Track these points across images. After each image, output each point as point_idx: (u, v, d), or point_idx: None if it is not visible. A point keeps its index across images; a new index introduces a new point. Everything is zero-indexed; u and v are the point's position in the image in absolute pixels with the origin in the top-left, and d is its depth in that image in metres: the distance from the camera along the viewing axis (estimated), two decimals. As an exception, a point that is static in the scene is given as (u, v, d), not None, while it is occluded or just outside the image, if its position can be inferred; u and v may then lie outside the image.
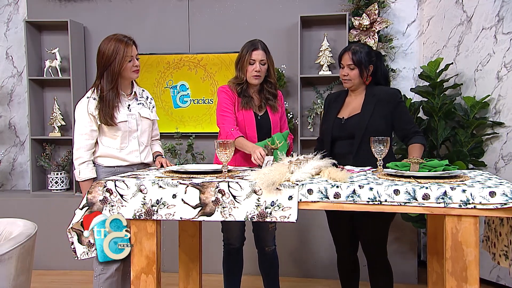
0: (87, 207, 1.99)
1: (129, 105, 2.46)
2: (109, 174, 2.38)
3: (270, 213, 1.87)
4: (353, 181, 1.90)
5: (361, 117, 2.40)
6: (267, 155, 2.37)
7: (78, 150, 2.39)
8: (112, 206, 1.97)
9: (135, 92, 2.52)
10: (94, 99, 2.38)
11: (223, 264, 2.79)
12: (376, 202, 1.81)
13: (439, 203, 1.76)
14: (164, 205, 1.93)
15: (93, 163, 2.43)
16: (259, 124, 2.62)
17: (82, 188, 2.42)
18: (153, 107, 2.62)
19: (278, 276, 2.84)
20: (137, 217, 1.95)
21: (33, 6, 4.31)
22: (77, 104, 2.44)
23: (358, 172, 2.17)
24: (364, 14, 3.83)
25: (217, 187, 1.90)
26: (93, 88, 2.42)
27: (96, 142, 2.43)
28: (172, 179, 1.97)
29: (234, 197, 1.89)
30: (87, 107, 2.37)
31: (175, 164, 3.89)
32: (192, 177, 2.02)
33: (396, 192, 1.79)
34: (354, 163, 2.34)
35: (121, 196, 1.96)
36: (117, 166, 2.43)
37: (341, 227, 2.54)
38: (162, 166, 2.51)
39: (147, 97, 2.60)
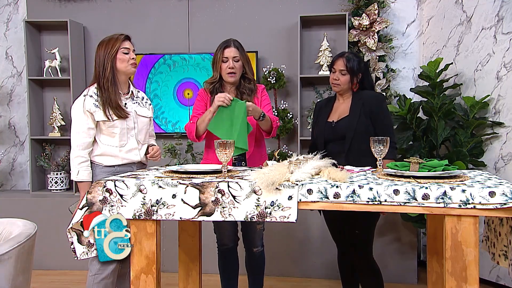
0: (86, 207, 1.99)
1: (125, 103, 2.48)
2: (109, 174, 2.38)
3: (270, 213, 1.87)
4: (353, 181, 1.90)
5: (349, 119, 2.52)
6: (273, 159, 2.37)
7: (76, 149, 2.39)
8: (112, 206, 1.97)
9: (131, 91, 2.54)
10: (91, 96, 2.40)
11: (219, 265, 2.81)
12: (376, 202, 1.81)
13: (439, 203, 1.76)
14: (164, 205, 1.93)
15: (91, 163, 2.44)
16: None
17: (80, 188, 2.42)
18: (150, 105, 2.65)
19: (262, 276, 2.85)
20: (137, 217, 1.95)
21: (33, 6, 4.31)
22: (73, 104, 2.46)
23: (358, 172, 2.17)
24: (364, 14, 3.83)
25: (217, 187, 1.90)
26: (89, 87, 2.45)
27: (94, 141, 2.44)
28: (172, 179, 1.97)
29: (234, 197, 1.89)
30: (83, 105, 2.39)
31: (175, 164, 3.89)
32: (191, 177, 2.02)
33: (396, 192, 1.79)
34: (346, 162, 2.38)
35: (121, 196, 1.96)
36: (116, 166, 2.44)
37: (336, 224, 2.58)
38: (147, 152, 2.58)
39: (143, 98, 2.63)
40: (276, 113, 3.90)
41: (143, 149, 2.57)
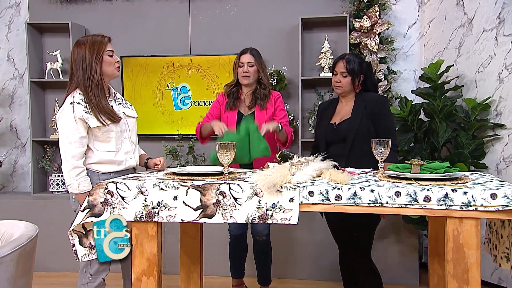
0: (88, 209, 2.00)
1: (112, 106, 2.37)
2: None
3: (271, 215, 1.87)
4: (354, 183, 1.90)
5: (351, 121, 2.52)
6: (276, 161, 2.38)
7: (71, 160, 2.23)
8: (113, 208, 1.97)
9: (114, 93, 2.45)
10: (79, 103, 2.25)
11: (229, 249, 3.10)
12: (377, 204, 1.80)
13: (441, 205, 1.76)
14: (165, 207, 1.93)
15: (87, 170, 2.30)
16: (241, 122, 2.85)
17: (81, 200, 2.22)
18: (131, 105, 2.56)
19: (269, 264, 3.08)
20: (138, 219, 1.95)
21: (35, 8, 4.32)
22: (59, 114, 2.30)
23: (359, 174, 2.17)
24: (365, 16, 3.83)
25: (218, 189, 1.90)
26: (72, 94, 2.30)
27: (88, 149, 2.31)
28: (173, 181, 1.97)
29: (235, 199, 1.89)
30: (74, 113, 2.24)
31: (176, 166, 3.89)
32: (193, 179, 2.02)
33: (397, 194, 1.79)
34: (346, 164, 2.38)
35: (122, 198, 1.96)
36: (113, 172, 2.33)
37: (338, 225, 2.57)
38: (155, 166, 2.50)
39: (122, 98, 2.53)
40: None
41: (137, 152, 2.50)
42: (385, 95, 3.83)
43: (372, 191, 1.80)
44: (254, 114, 2.85)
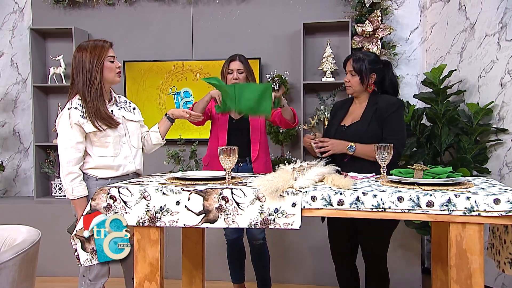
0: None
1: (111, 110, 2.38)
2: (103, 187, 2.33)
3: (274, 220, 1.87)
4: (357, 188, 1.90)
5: (359, 124, 2.45)
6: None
7: (67, 165, 2.26)
8: (115, 213, 1.97)
9: (114, 97, 2.44)
10: (76, 108, 2.27)
11: (227, 254, 3.12)
12: (380, 209, 1.80)
13: (443, 210, 1.75)
14: (168, 212, 1.93)
15: (83, 176, 2.31)
16: (232, 127, 2.91)
17: (75, 206, 2.30)
18: (134, 108, 2.56)
19: (268, 268, 3.08)
20: (141, 224, 1.95)
21: (38, 13, 4.34)
22: (58, 119, 2.32)
23: (362, 179, 2.17)
24: (367, 21, 3.84)
25: (221, 194, 1.90)
26: (71, 100, 2.31)
27: (86, 154, 2.32)
28: (175, 186, 1.97)
29: (237, 204, 1.89)
30: (70, 119, 2.25)
31: (179, 171, 3.90)
32: (195, 184, 2.02)
33: (400, 199, 1.78)
34: (351, 168, 2.34)
35: (125, 203, 1.96)
36: (111, 178, 2.33)
37: (341, 237, 2.54)
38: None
39: (126, 101, 2.53)
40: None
41: (138, 156, 2.48)
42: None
43: (374, 196, 1.80)
44: (245, 120, 2.90)
